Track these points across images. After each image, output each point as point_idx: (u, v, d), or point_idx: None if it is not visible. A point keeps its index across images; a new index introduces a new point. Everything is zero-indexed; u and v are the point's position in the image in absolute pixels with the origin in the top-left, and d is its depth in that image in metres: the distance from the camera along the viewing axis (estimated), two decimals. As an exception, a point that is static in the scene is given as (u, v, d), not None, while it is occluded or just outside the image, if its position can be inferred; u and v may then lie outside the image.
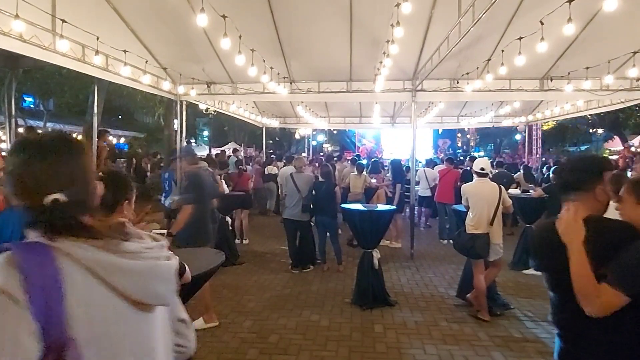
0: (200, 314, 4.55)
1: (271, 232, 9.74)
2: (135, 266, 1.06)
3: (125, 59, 6.33)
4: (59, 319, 0.93)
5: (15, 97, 8.53)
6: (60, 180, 1.04)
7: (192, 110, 10.70)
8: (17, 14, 4.25)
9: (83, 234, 1.02)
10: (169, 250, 1.92)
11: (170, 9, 5.91)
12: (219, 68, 7.79)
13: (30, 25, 4.63)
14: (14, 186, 1.04)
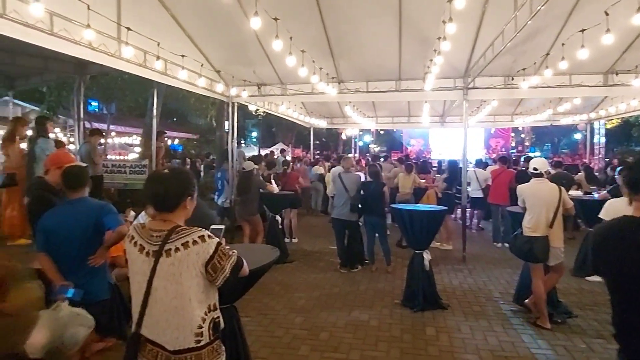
0: (255, 309, 4.68)
1: (319, 232, 9.81)
2: None
3: (182, 63, 6.60)
4: None
5: (83, 102, 9.11)
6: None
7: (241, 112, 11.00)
8: (88, 23, 4.54)
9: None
10: (226, 245, 2.01)
11: (224, 14, 6.10)
12: (269, 70, 7.95)
13: (98, 34, 4.93)
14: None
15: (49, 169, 3.41)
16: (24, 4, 4.03)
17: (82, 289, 2.92)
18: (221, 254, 1.93)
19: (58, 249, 2.98)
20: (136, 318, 1.91)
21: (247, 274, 2.15)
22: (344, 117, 14.02)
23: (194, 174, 2.86)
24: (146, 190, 2.03)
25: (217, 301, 2.01)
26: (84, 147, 7.78)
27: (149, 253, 1.91)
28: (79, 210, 3.02)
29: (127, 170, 8.42)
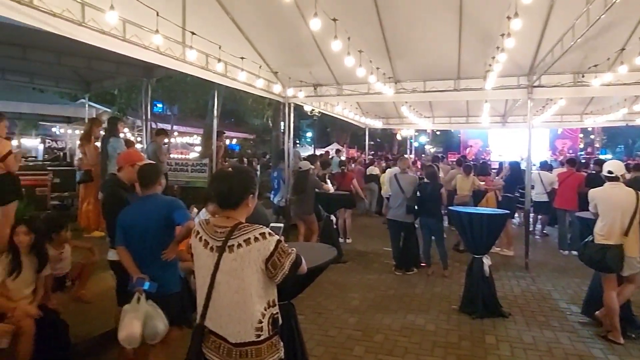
0: (309, 307, 4.72)
1: (374, 233, 9.74)
2: None
3: (242, 65, 6.80)
4: None
5: (149, 103, 9.63)
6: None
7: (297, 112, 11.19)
8: (157, 29, 4.79)
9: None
10: (285, 243, 2.04)
11: (281, 17, 6.21)
12: (326, 70, 7.99)
13: (165, 38, 5.19)
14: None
15: (122, 167, 3.62)
16: (101, 12, 4.31)
17: (156, 281, 3.04)
18: (281, 251, 1.97)
19: (134, 243, 3.13)
20: (200, 310, 1.99)
21: (305, 271, 2.17)
22: (399, 117, 13.82)
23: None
24: (211, 188, 2.11)
25: (276, 297, 2.05)
26: (150, 146, 8.22)
27: (213, 248, 1.98)
28: (151, 206, 3.16)
29: (189, 168, 8.79)
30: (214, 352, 1.95)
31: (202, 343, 1.98)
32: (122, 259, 3.18)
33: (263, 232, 1.96)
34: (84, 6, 4.31)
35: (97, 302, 4.40)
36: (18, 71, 9.32)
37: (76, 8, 4.26)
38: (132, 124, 15.75)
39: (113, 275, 3.69)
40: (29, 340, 3.25)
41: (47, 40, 6.43)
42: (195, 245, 2.08)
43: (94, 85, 10.57)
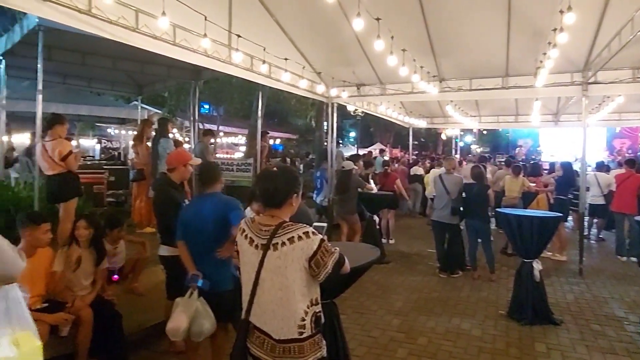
0: (351, 307, 4.72)
1: (417, 234, 9.59)
2: None
3: (285, 66, 6.89)
4: None
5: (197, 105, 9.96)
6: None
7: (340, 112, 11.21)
8: (205, 33, 4.95)
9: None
10: (328, 243, 2.05)
11: (324, 18, 6.24)
12: (369, 70, 7.95)
13: (213, 42, 5.35)
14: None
15: (175, 167, 3.74)
16: (153, 18, 4.50)
17: (209, 278, 3.13)
18: (324, 250, 1.98)
19: (192, 239, 3.22)
20: (245, 306, 2.04)
21: (348, 271, 2.18)
22: (444, 116, 13.52)
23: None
24: (256, 187, 2.16)
25: (318, 296, 2.07)
26: (198, 146, 8.50)
27: (258, 246, 2.03)
28: (211, 204, 3.25)
29: (234, 168, 9.03)
30: (258, 347, 2.00)
31: (246, 338, 2.03)
32: (180, 254, 3.28)
33: (307, 231, 1.98)
34: (137, 13, 4.52)
35: (148, 294, 4.60)
36: (78, 76, 9.90)
37: (130, 15, 4.47)
38: (180, 125, 16.35)
39: (163, 270, 3.85)
40: (88, 328, 3.45)
41: (104, 46, 6.79)
42: (240, 243, 2.14)
43: (146, 88, 11.05)
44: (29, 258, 3.49)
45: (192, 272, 3.17)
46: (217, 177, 3.42)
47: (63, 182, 5.11)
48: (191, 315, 3.02)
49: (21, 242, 3.46)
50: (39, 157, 5.24)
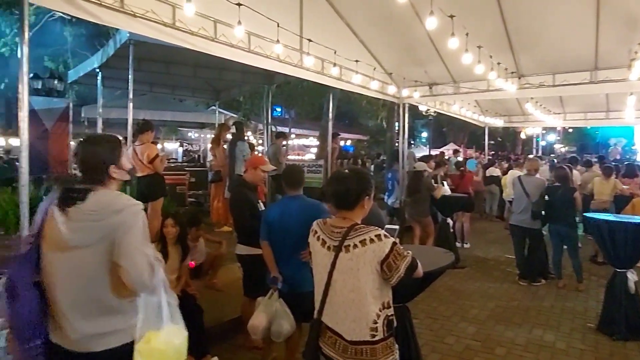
0: (423, 312, 4.61)
1: (494, 238, 9.14)
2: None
3: (356, 68, 6.89)
4: None
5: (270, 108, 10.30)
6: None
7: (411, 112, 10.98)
8: (277, 39, 5.11)
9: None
10: (400, 246, 2.02)
11: (395, 18, 6.16)
12: (442, 69, 7.72)
13: (285, 47, 5.49)
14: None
15: (248, 169, 3.93)
16: (230, 28, 4.73)
17: (291, 279, 3.21)
18: (396, 253, 1.96)
19: (275, 240, 3.32)
20: (318, 306, 2.08)
21: (421, 275, 2.14)
22: (523, 114, 12.74)
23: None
24: (328, 189, 2.19)
25: (391, 299, 2.05)
26: (271, 148, 8.77)
27: (330, 247, 2.05)
28: (296, 206, 3.32)
29: (305, 169, 9.18)
30: (330, 347, 2.02)
31: (319, 337, 2.07)
32: (264, 254, 3.39)
33: (379, 234, 1.98)
34: (216, 23, 4.77)
35: (226, 290, 4.82)
36: (162, 84, 10.67)
37: (209, 25, 4.73)
38: (254, 128, 16.98)
39: (240, 268, 4.02)
40: None
41: (185, 56, 7.25)
42: (313, 244, 2.18)
43: (223, 93, 11.63)
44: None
45: (274, 274, 3.26)
46: (301, 180, 3.49)
47: (151, 183, 5.55)
48: (271, 316, 3.11)
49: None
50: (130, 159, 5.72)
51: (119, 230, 1.86)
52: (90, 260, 1.88)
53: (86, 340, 1.92)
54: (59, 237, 1.88)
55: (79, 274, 1.90)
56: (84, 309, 1.93)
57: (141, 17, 4.03)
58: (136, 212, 1.94)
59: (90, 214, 1.88)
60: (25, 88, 3.20)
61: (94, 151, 2.02)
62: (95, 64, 7.82)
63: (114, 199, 1.95)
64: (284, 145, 9.27)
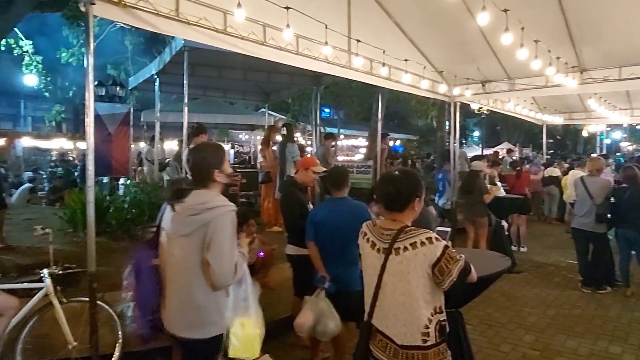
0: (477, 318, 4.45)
1: (553, 242, 8.68)
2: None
3: (405, 67, 6.79)
4: None
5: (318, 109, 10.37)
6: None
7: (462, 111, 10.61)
8: (325, 41, 5.12)
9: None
10: (453, 249, 1.96)
11: (445, 15, 6.00)
12: (495, 65, 7.43)
13: (333, 48, 5.50)
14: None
15: (299, 170, 3.99)
16: (278, 31, 4.80)
17: (338, 278, 3.24)
18: (448, 257, 1.91)
19: (323, 240, 3.37)
20: (368, 309, 2.06)
21: (475, 280, 2.07)
22: (586, 111, 12.02)
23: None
24: (378, 190, 2.17)
25: (443, 304, 2.00)
26: (320, 150, 8.82)
27: (379, 250, 2.03)
28: (343, 208, 3.38)
29: (354, 170, 9.15)
30: (380, 350, 2.00)
31: (369, 340, 2.04)
32: (310, 254, 3.44)
33: (430, 237, 1.93)
34: (265, 27, 4.87)
35: (278, 290, 4.89)
36: (215, 88, 11.03)
37: (259, 30, 4.83)
38: (303, 129, 17.15)
39: (290, 267, 4.07)
40: None
41: (236, 60, 7.48)
42: (362, 246, 2.16)
43: (272, 95, 11.85)
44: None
45: (321, 274, 3.29)
46: (346, 182, 3.53)
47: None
48: (317, 314, 3.14)
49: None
50: (185, 161, 5.96)
51: (210, 226, 2.18)
52: (188, 248, 2.23)
53: (178, 326, 2.27)
54: (169, 227, 2.31)
55: (181, 260, 2.27)
56: (182, 295, 2.26)
57: (195, 25, 4.18)
58: (226, 212, 2.25)
59: (189, 209, 2.24)
60: (91, 95, 3.40)
61: (202, 157, 2.37)
62: (153, 71, 8.23)
63: (210, 198, 2.27)
64: (332, 146, 9.29)
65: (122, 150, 9.15)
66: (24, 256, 5.04)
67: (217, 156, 2.37)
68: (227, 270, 2.17)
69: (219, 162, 2.35)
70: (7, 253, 5.19)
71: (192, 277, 2.23)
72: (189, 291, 2.23)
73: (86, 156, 3.38)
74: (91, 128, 3.38)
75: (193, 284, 2.23)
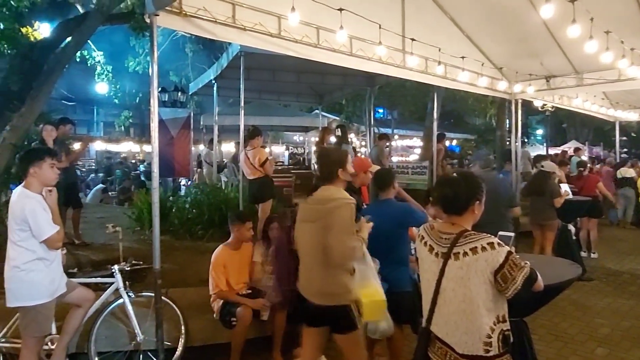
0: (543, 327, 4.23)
1: (629, 248, 8.05)
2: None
3: (462, 65, 6.57)
4: None
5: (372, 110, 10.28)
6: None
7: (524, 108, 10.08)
8: (379, 41, 5.07)
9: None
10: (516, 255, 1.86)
11: (505, 8, 5.76)
12: (561, 59, 7.01)
13: (387, 48, 5.43)
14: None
15: (359, 173, 3.99)
16: (332, 33, 4.82)
17: (387, 279, 3.22)
18: (512, 263, 1.82)
19: (370, 241, 3.37)
20: (426, 315, 2.00)
21: (541, 288, 1.96)
22: (664, 105, 11.06)
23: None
24: (435, 192, 2.11)
25: (506, 312, 1.91)
26: (374, 150, 8.75)
27: (438, 254, 1.97)
28: (387, 209, 3.42)
29: (409, 171, 8.99)
30: (439, 358, 1.94)
31: (427, 347, 1.99)
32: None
33: (491, 242, 1.85)
34: (318, 30, 4.91)
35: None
36: (269, 91, 11.27)
37: (312, 32, 4.87)
38: (357, 130, 17.09)
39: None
40: (283, 315, 3.86)
41: (290, 63, 7.58)
42: (420, 250, 2.11)
43: (326, 97, 11.91)
44: (236, 250, 4.13)
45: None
46: (391, 183, 3.56)
47: (262, 185, 5.89)
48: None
49: (231, 236, 4.10)
50: (242, 163, 6.16)
51: (331, 215, 2.63)
52: (315, 232, 2.72)
53: (311, 295, 2.75)
54: (302, 215, 2.89)
55: (309, 241, 2.78)
56: (311, 270, 2.78)
57: (250, 30, 4.29)
58: (345, 204, 2.68)
59: (317, 200, 2.77)
60: (156, 102, 3.60)
61: (328, 158, 2.91)
62: (211, 76, 8.54)
63: (334, 193, 2.75)
64: (387, 146, 9.17)
65: (184, 152, 9.56)
66: (97, 252, 5.41)
67: (341, 158, 2.87)
68: (344, 251, 2.59)
69: (343, 163, 2.82)
70: (82, 249, 5.60)
71: (318, 256, 2.69)
72: (316, 267, 2.72)
73: (151, 159, 3.57)
74: (156, 132, 3.56)
75: (319, 262, 2.69)
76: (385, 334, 3.18)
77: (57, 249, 3.16)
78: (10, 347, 3.48)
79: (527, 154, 10.11)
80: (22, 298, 3.03)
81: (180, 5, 3.73)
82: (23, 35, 5.45)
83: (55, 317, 3.32)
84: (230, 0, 4.15)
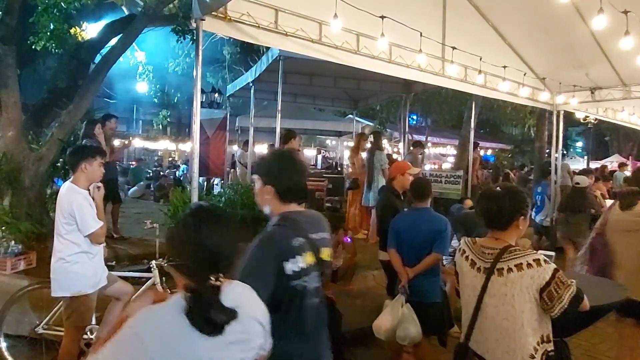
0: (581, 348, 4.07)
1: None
2: None
3: (503, 74, 6.44)
4: None
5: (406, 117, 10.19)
6: None
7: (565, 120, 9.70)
8: (420, 49, 5.03)
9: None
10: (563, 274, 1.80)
11: (550, 18, 5.61)
12: (608, 71, 6.77)
13: (427, 56, 5.38)
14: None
15: (395, 176, 4.00)
16: (372, 40, 4.82)
17: (417, 288, 3.25)
18: (559, 281, 1.77)
19: (403, 249, 3.42)
20: (465, 330, 1.97)
21: (587, 308, 1.89)
22: None
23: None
24: (478, 206, 2.07)
25: (550, 332, 1.86)
26: (408, 157, 8.68)
27: (480, 269, 1.93)
28: (423, 219, 3.40)
29: (442, 179, 8.84)
30: (477, 375, 1.90)
31: (465, 363, 1.96)
32: (392, 261, 3.48)
33: (537, 259, 1.80)
34: (358, 36, 4.92)
35: (362, 297, 4.88)
36: (305, 95, 11.34)
37: (352, 39, 4.88)
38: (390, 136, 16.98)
39: (374, 276, 4.06)
40: None
41: (327, 68, 7.62)
42: (460, 264, 2.07)
43: (361, 102, 11.89)
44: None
45: (401, 285, 3.29)
46: (428, 193, 3.55)
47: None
48: (397, 319, 3.15)
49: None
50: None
51: None
52: (633, 240, 3.14)
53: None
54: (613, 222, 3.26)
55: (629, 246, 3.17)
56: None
57: (292, 35, 4.34)
58: None
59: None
60: (198, 104, 3.69)
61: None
62: (249, 79, 8.68)
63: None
64: (421, 154, 9.08)
65: (219, 152, 9.75)
66: (134, 247, 5.58)
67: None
68: None
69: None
70: (120, 243, 5.79)
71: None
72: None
73: (191, 159, 3.66)
74: (197, 134, 3.66)
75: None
76: (414, 340, 3.18)
77: (100, 244, 3.28)
78: (52, 334, 3.63)
79: (566, 167, 9.78)
80: (67, 288, 3.15)
81: (226, 11, 3.82)
82: (71, 36, 5.69)
83: (95, 309, 3.44)
84: (273, 6, 4.22)
